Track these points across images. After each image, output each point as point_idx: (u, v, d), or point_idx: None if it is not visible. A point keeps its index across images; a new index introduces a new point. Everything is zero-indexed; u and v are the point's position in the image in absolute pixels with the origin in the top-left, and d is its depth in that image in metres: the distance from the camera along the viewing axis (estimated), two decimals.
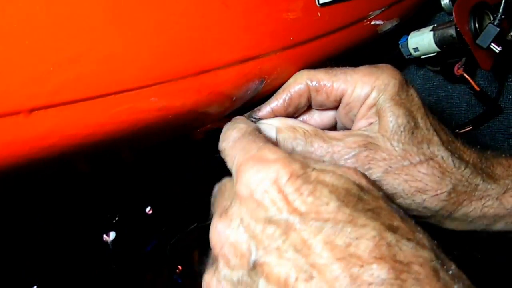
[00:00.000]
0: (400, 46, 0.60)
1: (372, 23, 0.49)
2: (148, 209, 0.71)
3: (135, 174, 0.65)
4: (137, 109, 0.31)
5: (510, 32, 0.56)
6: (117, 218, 0.67)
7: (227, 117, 0.43)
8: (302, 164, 0.31)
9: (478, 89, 0.58)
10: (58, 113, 0.27)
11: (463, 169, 0.40)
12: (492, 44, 0.52)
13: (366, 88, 0.40)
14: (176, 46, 0.31)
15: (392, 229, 0.28)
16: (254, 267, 0.29)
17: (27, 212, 0.57)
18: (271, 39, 0.38)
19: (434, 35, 0.55)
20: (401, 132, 0.39)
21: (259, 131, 0.36)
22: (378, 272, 0.26)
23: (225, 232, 0.30)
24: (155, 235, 0.73)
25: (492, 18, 0.54)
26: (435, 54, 0.57)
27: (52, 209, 0.60)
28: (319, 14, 0.41)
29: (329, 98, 0.41)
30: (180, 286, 0.73)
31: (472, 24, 0.53)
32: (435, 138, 0.40)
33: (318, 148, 0.39)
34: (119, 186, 0.66)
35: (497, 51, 0.52)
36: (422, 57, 0.59)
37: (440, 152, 0.39)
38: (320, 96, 0.41)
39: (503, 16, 0.51)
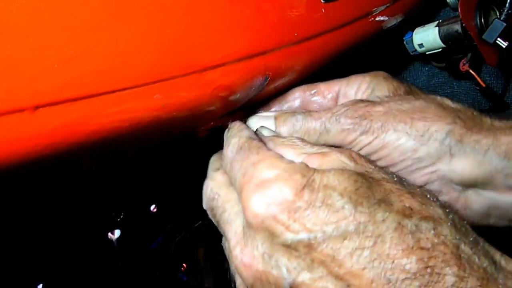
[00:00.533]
0: (405, 42, 0.59)
1: (377, 19, 0.49)
2: (153, 207, 0.71)
3: (140, 172, 0.65)
4: (141, 106, 0.31)
5: None
6: (122, 216, 0.67)
7: (231, 114, 0.43)
8: (302, 171, 0.30)
9: (484, 85, 0.58)
10: (63, 110, 0.27)
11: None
12: (498, 39, 0.51)
13: (359, 78, 0.44)
14: (181, 42, 0.31)
15: (408, 213, 0.28)
16: None
17: (32, 209, 0.57)
18: (276, 36, 0.37)
19: (439, 31, 0.55)
20: (397, 94, 0.41)
21: (252, 137, 0.36)
22: (409, 266, 0.26)
23: (252, 264, 0.30)
24: (160, 233, 0.73)
25: (498, 13, 0.54)
26: (440, 50, 0.57)
27: (58, 208, 0.61)
28: (323, 10, 0.41)
29: (326, 97, 0.43)
30: (185, 284, 0.74)
31: (478, 20, 0.52)
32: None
33: (317, 115, 0.40)
34: (124, 184, 0.66)
35: (504, 47, 0.51)
36: (427, 53, 0.58)
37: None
38: (316, 97, 0.43)
39: (509, 11, 0.51)
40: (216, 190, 0.36)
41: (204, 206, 0.38)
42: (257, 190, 0.30)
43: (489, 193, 0.38)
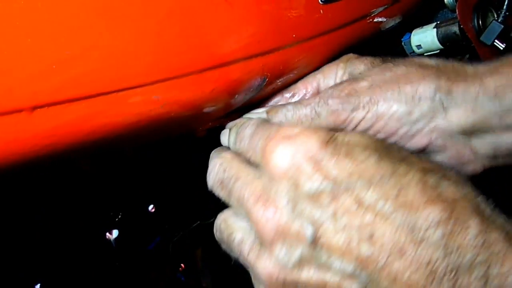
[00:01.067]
0: (403, 43, 0.59)
1: (375, 20, 0.49)
2: (151, 207, 0.71)
3: (138, 172, 0.65)
4: (140, 107, 0.31)
5: None
6: (120, 216, 0.67)
7: (229, 114, 0.43)
8: (327, 131, 0.31)
9: None
10: (61, 110, 0.27)
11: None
12: (496, 41, 0.51)
13: (333, 66, 0.44)
14: (179, 43, 0.31)
15: (429, 170, 0.29)
16: (314, 242, 0.28)
17: (30, 210, 0.57)
18: (274, 37, 0.37)
19: (437, 32, 0.55)
20: (374, 67, 0.41)
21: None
22: (433, 215, 0.27)
23: (274, 217, 0.29)
24: (158, 233, 0.73)
25: (495, 15, 0.54)
26: (438, 51, 0.57)
27: (56, 208, 0.61)
28: (321, 11, 0.41)
29: (307, 95, 0.44)
30: (183, 284, 0.74)
31: (476, 21, 0.52)
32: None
33: (306, 102, 0.40)
34: (122, 184, 0.66)
35: (501, 48, 0.52)
36: (425, 54, 0.58)
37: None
38: (296, 97, 0.44)
39: (507, 13, 0.51)
40: (227, 164, 0.35)
41: (210, 183, 0.36)
42: (282, 141, 0.30)
43: (491, 136, 0.38)
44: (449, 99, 0.37)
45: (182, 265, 0.75)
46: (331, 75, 0.44)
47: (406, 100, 0.38)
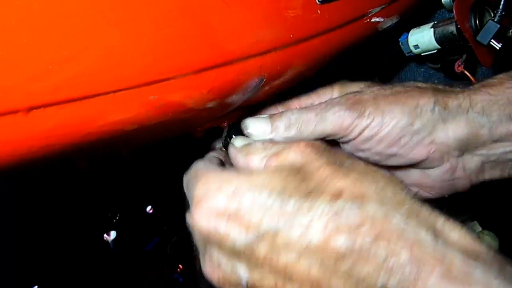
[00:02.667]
0: (400, 43, 0.59)
1: (372, 20, 0.49)
2: (148, 208, 0.71)
3: (136, 173, 0.65)
4: (136, 108, 0.31)
5: (510, 29, 0.56)
6: (117, 218, 0.67)
7: (227, 115, 0.43)
8: (230, 178, 0.33)
9: None
10: (57, 111, 0.27)
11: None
12: (492, 40, 0.51)
13: (328, 89, 0.46)
14: (176, 43, 0.31)
15: (338, 194, 0.30)
16: None
17: (28, 211, 0.57)
18: (271, 37, 0.37)
19: (434, 32, 0.55)
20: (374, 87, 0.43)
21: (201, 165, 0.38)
22: (338, 247, 0.28)
23: (213, 273, 0.34)
24: (156, 234, 0.73)
25: (492, 15, 0.54)
26: (435, 51, 0.57)
27: (53, 209, 0.60)
28: (319, 11, 0.41)
29: None
30: (181, 285, 0.73)
31: (473, 21, 0.53)
32: None
33: (312, 108, 0.41)
34: (119, 185, 0.66)
35: (498, 48, 0.52)
36: (422, 54, 0.59)
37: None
38: None
39: (503, 13, 0.51)
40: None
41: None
42: (196, 210, 0.33)
43: (481, 151, 0.41)
44: (446, 113, 0.40)
45: (180, 266, 0.74)
46: (326, 96, 0.46)
47: (409, 111, 0.40)
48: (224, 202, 0.32)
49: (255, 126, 0.42)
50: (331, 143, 0.42)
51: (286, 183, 0.31)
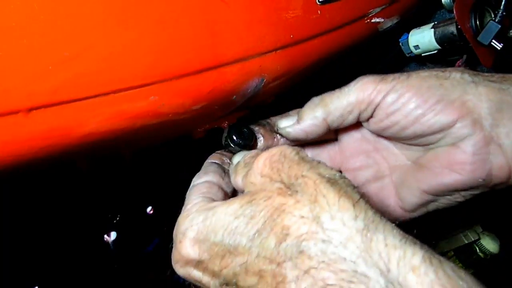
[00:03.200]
0: (400, 44, 0.59)
1: (373, 21, 0.49)
2: (149, 209, 0.71)
3: (136, 174, 0.65)
4: (136, 108, 0.31)
5: (511, 29, 0.56)
6: (118, 218, 0.67)
7: (228, 115, 0.43)
8: (192, 222, 0.35)
9: None
10: (58, 112, 0.27)
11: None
12: (493, 41, 0.51)
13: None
14: (176, 44, 0.31)
15: (281, 237, 0.29)
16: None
17: (28, 212, 0.57)
18: (272, 37, 0.37)
19: (434, 32, 0.55)
20: None
21: (196, 183, 0.41)
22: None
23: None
24: (157, 235, 0.73)
25: (493, 15, 0.54)
26: (435, 51, 0.57)
27: (54, 210, 0.60)
28: (319, 12, 0.41)
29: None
30: (182, 286, 0.73)
31: (473, 21, 0.52)
32: None
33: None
34: (120, 186, 0.66)
35: (499, 48, 0.52)
36: (422, 54, 0.59)
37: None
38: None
39: (504, 13, 0.51)
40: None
41: None
42: (172, 256, 0.36)
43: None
44: (478, 78, 0.38)
45: None
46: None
47: (437, 74, 0.38)
48: (189, 252, 0.34)
49: (283, 121, 0.42)
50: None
51: (236, 224, 0.32)
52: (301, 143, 0.44)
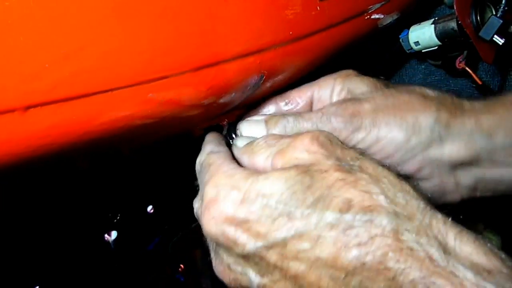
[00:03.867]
0: (400, 40, 0.59)
1: (373, 17, 0.49)
2: (149, 208, 0.71)
3: (136, 173, 0.65)
4: (135, 106, 0.31)
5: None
6: (118, 217, 0.67)
7: (227, 112, 0.43)
8: (239, 184, 0.33)
9: (480, 82, 0.58)
10: (55, 110, 0.27)
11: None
12: (495, 36, 0.51)
13: (330, 81, 0.44)
14: (175, 41, 0.31)
15: (346, 207, 0.29)
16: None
17: (27, 211, 0.57)
18: (271, 34, 0.37)
19: (435, 28, 0.55)
20: (377, 90, 0.42)
21: (213, 151, 0.39)
22: (347, 263, 0.28)
23: (224, 273, 0.35)
24: (157, 234, 0.73)
25: (493, 11, 0.54)
26: (436, 48, 0.56)
27: (54, 209, 0.60)
28: (318, 8, 0.41)
29: (299, 104, 0.45)
30: (183, 285, 0.73)
31: (474, 17, 0.52)
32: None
33: (307, 116, 0.41)
34: (120, 185, 0.66)
35: (500, 44, 0.51)
36: (423, 51, 0.58)
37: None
38: (290, 105, 0.45)
39: (506, 8, 0.51)
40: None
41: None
42: (205, 212, 0.33)
43: (476, 170, 0.41)
44: (447, 132, 0.40)
45: (181, 265, 0.74)
46: (327, 88, 0.44)
47: (407, 128, 0.39)
48: (233, 210, 0.32)
49: (250, 130, 0.42)
50: None
51: (293, 190, 0.31)
52: None
